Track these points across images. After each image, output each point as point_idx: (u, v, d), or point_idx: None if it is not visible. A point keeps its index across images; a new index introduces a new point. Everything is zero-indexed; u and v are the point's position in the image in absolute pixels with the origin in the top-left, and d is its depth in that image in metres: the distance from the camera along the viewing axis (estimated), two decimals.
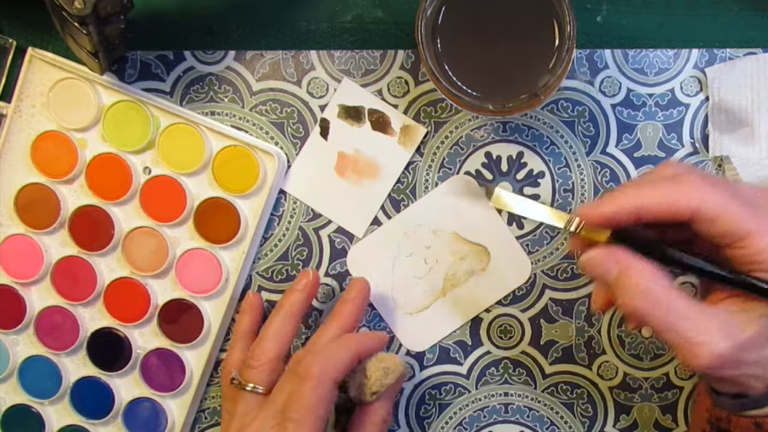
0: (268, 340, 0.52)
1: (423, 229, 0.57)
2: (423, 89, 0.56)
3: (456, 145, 0.56)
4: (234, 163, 0.56)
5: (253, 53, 0.56)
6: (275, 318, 0.53)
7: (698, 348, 0.40)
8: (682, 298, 0.42)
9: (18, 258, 0.58)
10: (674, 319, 0.41)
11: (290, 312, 0.53)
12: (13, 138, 0.57)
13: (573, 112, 0.56)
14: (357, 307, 0.54)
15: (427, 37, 0.49)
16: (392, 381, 0.52)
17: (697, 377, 0.57)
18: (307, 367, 0.49)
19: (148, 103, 0.56)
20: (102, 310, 0.58)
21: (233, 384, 0.52)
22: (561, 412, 0.58)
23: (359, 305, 0.54)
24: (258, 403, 0.51)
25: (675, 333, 0.41)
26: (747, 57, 0.54)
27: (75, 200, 0.57)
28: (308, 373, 0.48)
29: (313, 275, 0.55)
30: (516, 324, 0.57)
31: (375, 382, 0.52)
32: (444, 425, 0.58)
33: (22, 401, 0.59)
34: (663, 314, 0.41)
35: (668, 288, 0.42)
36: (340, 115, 0.57)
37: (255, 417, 0.50)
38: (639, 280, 0.42)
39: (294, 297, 0.54)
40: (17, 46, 0.57)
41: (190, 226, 0.57)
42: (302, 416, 0.48)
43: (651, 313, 0.41)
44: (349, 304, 0.54)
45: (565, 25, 0.48)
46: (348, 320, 0.53)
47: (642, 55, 0.55)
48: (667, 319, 0.41)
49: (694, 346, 0.40)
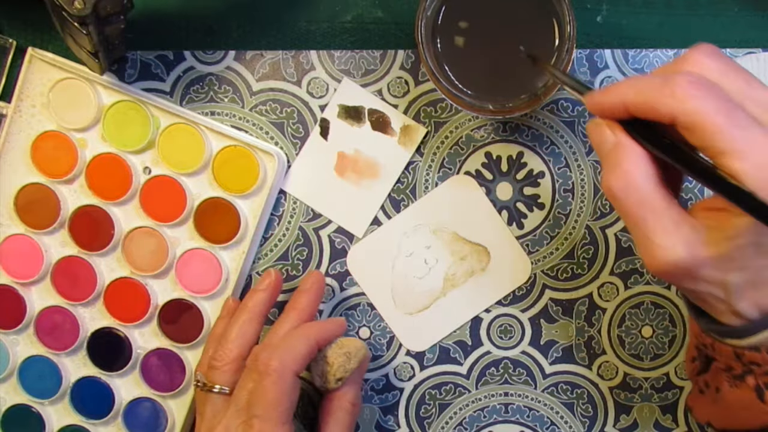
0: (230, 341, 0.52)
1: (423, 229, 0.57)
2: (423, 89, 0.56)
3: (456, 145, 0.56)
4: (234, 163, 0.56)
5: (253, 53, 0.56)
6: (238, 319, 0.53)
7: (657, 249, 0.39)
8: (659, 195, 0.39)
9: (18, 258, 0.58)
10: (644, 213, 0.39)
11: (254, 312, 0.53)
12: (13, 138, 0.57)
13: (573, 112, 0.56)
14: (312, 299, 0.54)
15: (427, 37, 0.49)
16: (356, 365, 0.52)
17: None
18: (266, 362, 0.48)
19: (148, 103, 0.56)
20: (102, 310, 0.58)
21: (198, 386, 0.53)
22: (561, 412, 0.58)
23: (314, 296, 0.54)
24: (225, 403, 0.51)
25: (640, 228, 0.39)
26: (747, 56, 0.54)
27: (75, 200, 0.57)
28: (268, 367, 0.48)
29: (276, 275, 0.55)
30: (516, 324, 0.57)
31: (338, 368, 0.52)
32: (444, 425, 0.58)
33: (22, 401, 0.59)
34: (634, 204, 0.39)
35: (651, 180, 0.39)
36: (340, 115, 0.57)
37: (222, 418, 0.50)
38: (625, 161, 0.39)
39: (257, 297, 0.54)
40: (17, 46, 0.57)
41: (190, 226, 0.57)
42: (266, 412, 0.48)
43: (623, 198, 0.39)
44: (305, 295, 0.54)
45: (565, 25, 0.48)
46: (304, 312, 0.53)
47: (642, 55, 0.55)
48: (637, 211, 0.39)
49: (653, 245, 0.39)
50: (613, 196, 0.40)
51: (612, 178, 0.39)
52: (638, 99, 0.39)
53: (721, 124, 0.36)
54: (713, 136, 0.36)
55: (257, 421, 0.48)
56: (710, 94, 0.37)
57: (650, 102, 0.38)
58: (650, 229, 0.39)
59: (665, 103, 0.37)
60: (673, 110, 0.37)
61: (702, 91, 0.37)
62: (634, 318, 0.57)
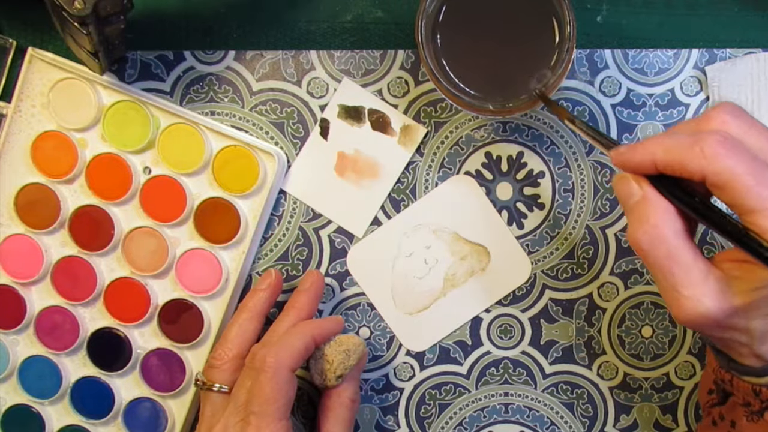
0: (229, 340, 0.53)
1: (423, 229, 0.57)
2: (423, 89, 0.56)
3: (456, 145, 0.56)
4: (234, 163, 0.56)
5: (253, 53, 0.56)
6: (238, 318, 0.54)
7: (685, 301, 0.40)
8: (686, 249, 0.40)
9: (18, 258, 0.58)
10: (671, 265, 0.40)
11: (255, 312, 0.54)
12: (13, 138, 0.57)
13: (573, 113, 0.56)
14: (311, 298, 0.55)
15: (427, 37, 0.49)
16: (355, 362, 0.53)
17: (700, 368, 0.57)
18: (263, 359, 0.49)
19: (148, 103, 0.56)
20: (102, 310, 0.58)
21: (197, 386, 0.53)
22: (561, 412, 0.58)
23: (313, 296, 0.55)
24: (224, 402, 0.51)
25: (668, 280, 0.40)
26: (747, 56, 0.54)
27: (75, 200, 0.57)
28: (264, 364, 0.49)
29: (276, 275, 0.55)
30: (516, 324, 0.57)
31: (338, 365, 0.52)
32: (444, 425, 0.58)
33: (22, 401, 0.59)
34: (662, 257, 0.40)
35: (678, 234, 0.41)
36: (340, 115, 0.57)
37: (221, 416, 0.50)
38: (653, 215, 0.41)
39: (257, 297, 0.54)
40: (17, 46, 0.57)
41: (190, 226, 0.57)
42: (263, 408, 0.48)
43: (650, 251, 0.41)
44: (304, 294, 0.55)
45: (565, 25, 0.48)
46: (302, 311, 0.54)
47: (642, 55, 0.55)
48: (665, 264, 0.40)
49: (682, 297, 0.40)
50: (641, 249, 0.41)
51: (640, 231, 0.41)
52: (668, 157, 0.40)
53: (750, 183, 0.38)
54: (742, 194, 0.38)
55: (254, 418, 0.48)
56: (739, 154, 0.38)
57: (680, 160, 0.39)
58: (678, 282, 0.40)
59: (695, 161, 0.39)
60: (704, 169, 0.39)
61: (731, 150, 0.38)
62: (634, 318, 0.57)
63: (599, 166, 0.56)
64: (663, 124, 0.55)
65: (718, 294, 0.40)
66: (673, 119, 0.55)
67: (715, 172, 0.38)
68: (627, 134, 0.56)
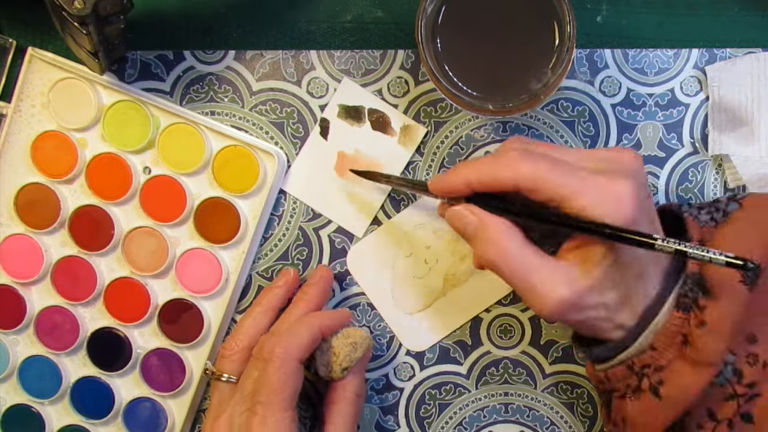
0: (241, 332, 0.54)
1: (423, 229, 0.57)
2: (423, 89, 0.56)
3: (456, 145, 0.56)
4: (234, 163, 0.56)
5: (253, 53, 0.56)
6: (252, 311, 0.55)
7: (543, 295, 0.44)
8: (531, 253, 0.45)
9: (18, 258, 0.58)
10: (523, 272, 0.45)
11: (269, 306, 0.55)
12: (13, 138, 0.57)
13: (573, 112, 0.56)
14: (320, 292, 0.55)
15: (427, 36, 0.49)
16: (361, 354, 0.53)
17: None
18: (271, 349, 0.50)
19: (148, 103, 0.56)
20: (102, 310, 0.58)
21: (206, 375, 0.54)
22: (561, 411, 0.58)
23: (322, 290, 0.55)
24: (232, 392, 0.52)
25: (525, 283, 0.45)
26: (747, 56, 0.54)
27: (75, 200, 0.57)
28: (272, 354, 0.49)
29: (294, 274, 0.56)
30: (516, 324, 0.57)
31: (344, 358, 0.52)
32: (444, 425, 0.58)
33: (22, 401, 0.59)
34: (514, 267, 0.45)
35: (520, 243, 0.46)
36: (340, 114, 0.57)
37: (227, 406, 0.51)
38: (494, 234, 0.46)
39: (273, 293, 0.55)
40: (17, 45, 0.57)
41: (190, 226, 0.57)
42: (269, 398, 0.49)
43: (504, 266, 0.45)
44: (313, 288, 0.55)
45: (565, 25, 0.48)
46: (311, 303, 0.55)
47: (642, 55, 0.55)
48: (518, 272, 0.45)
49: (540, 294, 0.45)
50: (496, 266, 0.46)
51: (490, 253, 0.46)
52: (480, 176, 0.46)
53: (555, 176, 0.44)
54: (554, 187, 0.44)
55: (261, 407, 0.49)
56: (536, 158, 0.45)
57: (492, 176, 0.45)
58: (534, 283, 0.45)
59: (504, 173, 0.45)
60: (514, 177, 0.44)
61: (530, 156, 0.45)
62: None
63: None
64: (663, 124, 0.55)
65: (568, 280, 0.44)
66: (673, 119, 0.55)
67: (525, 177, 0.44)
68: (627, 134, 0.56)
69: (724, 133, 0.54)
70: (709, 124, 0.55)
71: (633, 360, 0.46)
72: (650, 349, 0.46)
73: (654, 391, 0.46)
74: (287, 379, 0.49)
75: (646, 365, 0.46)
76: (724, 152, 0.54)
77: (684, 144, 0.55)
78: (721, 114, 0.54)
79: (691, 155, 0.55)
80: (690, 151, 0.55)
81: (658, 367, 0.46)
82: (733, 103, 0.54)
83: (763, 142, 0.53)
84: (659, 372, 0.46)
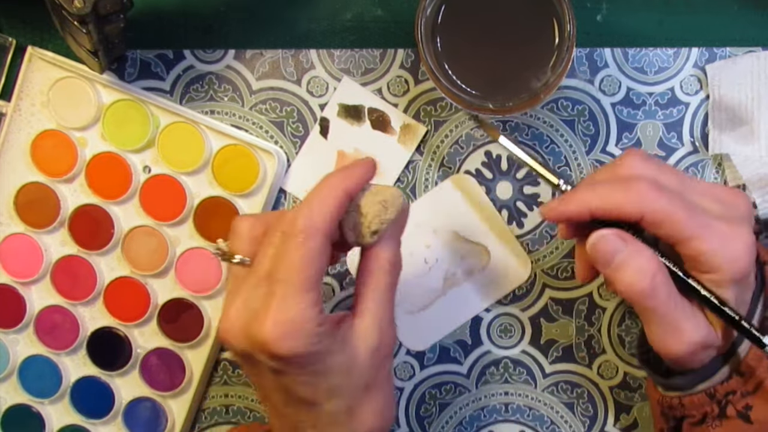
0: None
1: (423, 228, 0.57)
2: (423, 88, 0.56)
3: (456, 144, 0.56)
4: (234, 162, 0.56)
5: (253, 52, 0.56)
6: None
7: (686, 332, 0.44)
8: (676, 290, 0.44)
9: (18, 257, 0.58)
10: (673, 306, 0.44)
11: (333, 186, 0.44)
12: (12, 137, 0.57)
13: (573, 111, 0.56)
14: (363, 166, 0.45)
15: (427, 36, 0.49)
16: (393, 216, 0.44)
17: None
18: (292, 222, 0.42)
19: (148, 102, 0.56)
20: (102, 309, 0.58)
21: (217, 254, 0.45)
22: (561, 411, 0.58)
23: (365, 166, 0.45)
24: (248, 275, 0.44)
25: (668, 319, 0.44)
26: (747, 54, 0.54)
27: (75, 199, 0.57)
28: (293, 228, 0.42)
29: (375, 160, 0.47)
30: (516, 323, 0.57)
31: (373, 219, 0.44)
32: (444, 425, 0.58)
33: (22, 401, 0.59)
34: (663, 299, 0.44)
35: (667, 276, 0.44)
36: (339, 114, 0.57)
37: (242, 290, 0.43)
38: (647, 265, 0.44)
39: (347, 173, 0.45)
40: (17, 44, 0.57)
41: (190, 225, 0.57)
42: (290, 276, 0.41)
43: (652, 296, 0.44)
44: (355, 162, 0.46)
45: (565, 24, 0.48)
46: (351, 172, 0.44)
47: (642, 54, 0.55)
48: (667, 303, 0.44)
49: (681, 333, 0.44)
50: (642, 296, 0.44)
51: (642, 281, 0.44)
52: (604, 204, 0.44)
53: (683, 216, 0.43)
54: (679, 227, 0.43)
55: (280, 287, 0.41)
56: (668, 194, 0.44)
57: (617, 205, 0.44)
58: (678, 318, 0.44)
59: (632, 205, 0.43)
60: (642, 210, 0.43)
61: (660, 192, 0.43)
62: (634, 317, 0.57)
63: (599, 165, 0.56)
64: (663, 123, 0.55)
65: (705, 324, 0.44)
66: (673, 118, 0.55)
67: (653, 211, 0.43)
68: (627, 133, 0.56)
69: (724, 132, 0.54)
70: (709, 123, 0.55)
71: (715, 388, 0.46)
72: (736, 374, 0.46)
73: (743, 416, 0.45)
74: (313, 255, 0.41)
75: (731, 392, 0.46)
76: (724, 151, 0.54)
77: (684, 143, 0.55)
78: (721, 113, 0.54)
79: (691, 154, 0.55)
80: (690, 150, 0.55)
81: (744, 393, 0.45)
82: (733, 102, 0.54)
83: (763, 142, 0.53)
84: (746, 398, 0.45)
